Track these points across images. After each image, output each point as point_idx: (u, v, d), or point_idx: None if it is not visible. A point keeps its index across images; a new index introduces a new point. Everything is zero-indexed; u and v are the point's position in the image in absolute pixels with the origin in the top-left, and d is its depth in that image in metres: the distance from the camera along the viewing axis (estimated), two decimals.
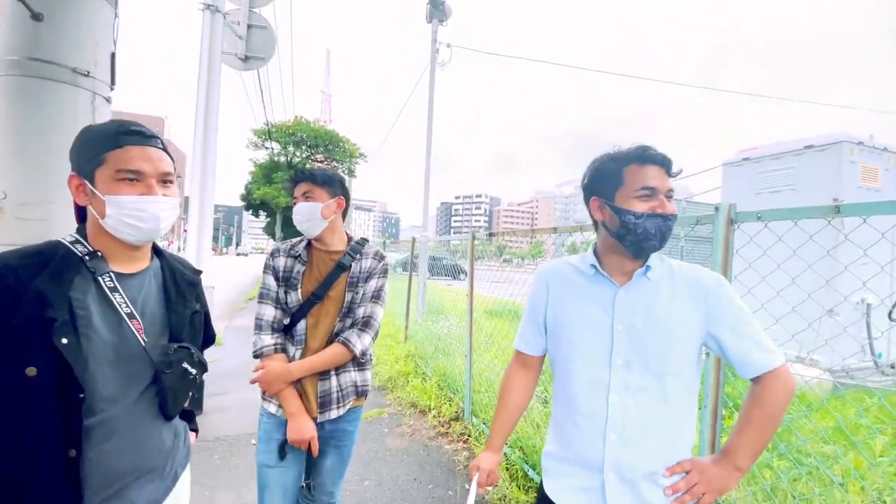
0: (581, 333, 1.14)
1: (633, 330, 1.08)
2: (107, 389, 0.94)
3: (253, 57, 4.63)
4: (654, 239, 1.05)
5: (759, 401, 1.03)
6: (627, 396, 1.07)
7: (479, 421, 3.59)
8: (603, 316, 1.12)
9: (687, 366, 1.08)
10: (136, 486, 1.01)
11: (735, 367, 1.07)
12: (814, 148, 5.10)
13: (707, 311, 1.07)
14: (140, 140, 1.00)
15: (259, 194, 25.70)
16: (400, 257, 11.89)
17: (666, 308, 1.08)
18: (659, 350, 1.06)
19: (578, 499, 1.12)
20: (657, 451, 1.07)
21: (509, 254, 52.97)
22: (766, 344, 1.04)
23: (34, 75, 1.56)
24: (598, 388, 1.10)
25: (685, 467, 1.08)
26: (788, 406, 1.05)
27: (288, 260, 1.66)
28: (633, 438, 1.07)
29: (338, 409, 1.62)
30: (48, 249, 0.94)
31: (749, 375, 1.05)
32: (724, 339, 1.05)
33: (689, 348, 1.07)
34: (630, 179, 1.07)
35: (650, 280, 1.11)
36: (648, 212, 1.04)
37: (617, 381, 1.08)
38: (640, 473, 1.07)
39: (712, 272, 1.13)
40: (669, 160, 1.08)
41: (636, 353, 1.07)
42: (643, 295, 1.10)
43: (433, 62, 7.97)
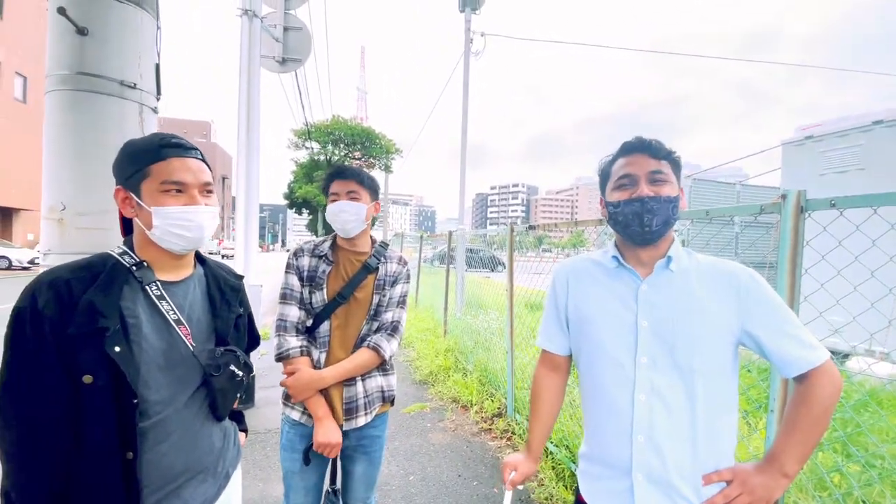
0: (603, 330, 1.10)
1: (658, 325, 1.03)
2: (159, 394, 0.97)
3: (290, 59, 4.72)
4: (635, 224, 1.03)
5: (805, 400, 0.96)
6: (654, 396, 1.02)
7: (523, 418, 3.54)
8: (626, 311, 1.07)
9: (719, 364, 1.01)
10: (190, 486, 1.05)
11: (775, 365, 1.00)
12: (884, 123, 4.61)
13: (740, 306, 1.00)
14: (181, 152, 1.03)
15: (301, 193, 26.58)
16: (437, 251, 11.93)
17: (693, 302, 1.02)
18: (687, 347, 1.00)
19: (609, 501, 1.09)
20: (689, 454, 1.00)
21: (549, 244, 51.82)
22: (807, 339, 0.97)
23: (83, 89, 1.64)
24: (623, 388, 1.05)
25: (724, 476, 1.00)
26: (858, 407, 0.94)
27: (312, 259, 1.63)
28: (660, 441, 1.01)
29: (365, 415, 1.60)
30: (98, 261, 0.98)
31: (791, 374, 0.97)
32: (761, 337, 0.99)
33: (720, 346, 1.00)
34: (614, 172, 1.11)
35: (674, 272, 1.05)
36: (626, 199, 1.05)
37: (642, 379, 1.03)
38: (670, 476, 1.00)
39: (741, 265, 1.05)
40: (651, 143, 1.05)
41: (662, 350, 1.02)
42: (668, 288, 1.05)
43: (467, 52, 7.85)
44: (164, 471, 0.99)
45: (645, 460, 1.02)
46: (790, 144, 5.48)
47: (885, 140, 4.64)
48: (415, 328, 6.93)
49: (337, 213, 1.59)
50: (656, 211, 1.01)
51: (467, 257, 7.23)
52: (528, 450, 1.29)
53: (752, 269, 1.04)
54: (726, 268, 1.05)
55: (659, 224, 1.02)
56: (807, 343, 0.97)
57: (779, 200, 1.47)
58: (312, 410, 1.54)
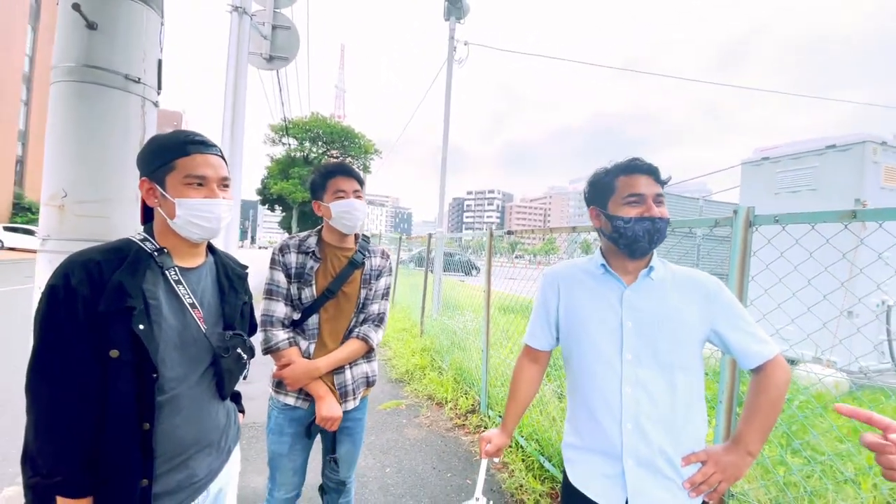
0: (593, 331, 1.22)
1: (640, 326, 1.17)
2: (174, 371, 1.05)
3: (277, 57, 4.74)
4: (643, 241, 1.15)
5: (763, 387, 1.12)
6: (639, 388, 1.16)
7: (496, 414, 3.68)
8: (612, 314, 1.20)
9: (692, 359, 1.17)
10: (198, 458, 1.13)
11: (737, 358, 1.16)
12: (835, 148, 5.04)
13: (708, 309, 1.16)
14: (204, 149, 1.11)
15: (276, 189, 26.07)
16: (413, 253, 12.00)
17: (670, 307, 1.17)
18: (667, 345, 1.15)
19: (602, 485, 1.19)
20: (670, 437, 1.15)
21: (521, 250, 52.48)
22: (762, 336, 1.14)
23: (89, 81, 1.68)
24: (611, 382, 1.18)
25: (700, 458, 1.15)
26: (801, 404, 1.12)
27: (299, 256, 1.66)
28: (647, 427, 1.15)
29: (354, 399, 1.71)
30: (123, 246, 1.06)
31: (750, 366, 1.14)
32: (726, 335, 1.15)
33: (693, 343, 1.16)
34: (620, 188, 1.18)
35: (654, 280, 1.20)
36: (637, 216, 1.14)
37: (628, 374, 1.16)
38: (656, 459, 1.15)
39: (709, 275, 1.22)
40: (656, 169, 1.18)
41: (645, 348, 1.16)
42: (648, 294, 1.19)
43: (450, 60, 8.02)
44: (175, 442, 1.06)
45: (634, 446, 1.15)
46: (749, 164, 5.88)
47: (836, 164, 5.06)
48: (391, 328, 6.99)
49: (350, 211, 1.64)
50: (662, 231, 1.15)
51: (445, 260, 7.36)
52: (502, 426, 1.42)
53: (716, 279, 1.21)
54: (696, 277, 1.21)
55: (659, 241, 1.17)
56: (762, 339, 1.14)
57: (731, 215, 1.67)
58: (314, 391, 1.62)
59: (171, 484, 1.06)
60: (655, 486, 1.15)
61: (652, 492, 1.14)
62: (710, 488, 1.14)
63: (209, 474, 1.16)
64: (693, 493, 1.14)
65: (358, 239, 1.78)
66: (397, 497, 2.75)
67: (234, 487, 1.33)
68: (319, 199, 1.70)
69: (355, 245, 1.76)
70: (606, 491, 1.18)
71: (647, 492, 1.14)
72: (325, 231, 1.73)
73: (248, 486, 2.77)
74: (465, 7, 7.99)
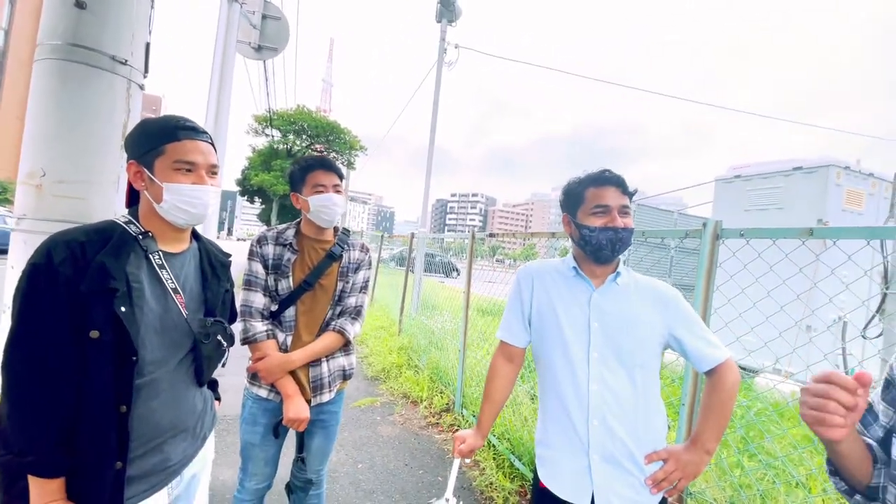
0: (563, 329, 1.28)
1: (606, 328, 1.24)
2: (153, 354, 1.06)
3: (266, 47, 4.69)
4: (607, 249, 1.23)
5: (715, 389, 1.20)
6: (604, 386, 1.22)
7: (469, 413, 3.73)
8: (580, 314, 1.27)
9: (651, 360, 1.25)
10: (173, 443, 1.13)
11: (692, 362, 1.25)
12: (802, 170, 5.29)
13: (667, 316, 1.24)
14: (194, 135, 1.12)
15: (256, 181, 25.56)
16: (395, 252, 11.97)
17: (634, 311, 1.25)
18: (629, 346, 1.22)
19: (569, 482, 1.24)
20: (633, 433, 1.22)
21: (502, 254, 53.03)
22: (715, 341, 1.23)
23: (75, 60, 1.65)
24: (580, 379, 1.24)
25: (662, 456, 1.22)
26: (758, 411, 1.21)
27: (276, 248, 1.67)
28: (612, 423, 1.21)
29: (329, 392, 1.71)
30: (108, 228, 1.06)
31: (704, 368, 1.23)
32: (683, 339, 1.23)
33: (653, 346, 1.24)
34: (589, 199, 1.26)
35: (619, 285, 1.28)
36: (601, 226, 1.22)
37: (595, 372, 1.23)
38: (620, 455, 1.21)
39: (668, 285, 1.31)
40: (623, 181, 1.26)
41: (609, 348, 1.23)
42: (614, 298, 1.27)
43: (440, 61, 8.06)
44: (152, 426, 1.06)
45: (599, 441, 1.21)
46: (722, 181, 6.12)
47: (802, 185, 5.32)
48: (369, 326, 6.97)
49: (328, 206, 1.66)
50: (625, 240, 1.23)
51: (425, 261, 7.39)
52: (477, 427, 1.46)
53: (674, 288, 1.30)
54: (657, 286, 1.30)
55: (623, 250, 1.24)
56: (714, 344, 1.23)
57: (700, 228, 1.76)
58: (282, 389, 1.62)
59: (145, 467, 1.06)
60: (619, 481, 1.21)
61: (616, 487, 1.20)
62: (671, 485, 1.21)
63: (183, 459, 1.16)
64: (654, 489, 1.20)
65: (337, 232, 1.79)
66: (368, 493, 2.76)
67: (208, 474, 1.33)
68: (298, 192, 1.70)
69: (334, 238, 1.77)
70: (573, 487, 1.23)
71: (612, 487, 1.20)
72: (303, 224, 1.74)
73: (218, 478, 2.74)
74: (458, 10, 8.06)
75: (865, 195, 5.37)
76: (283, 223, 1.81)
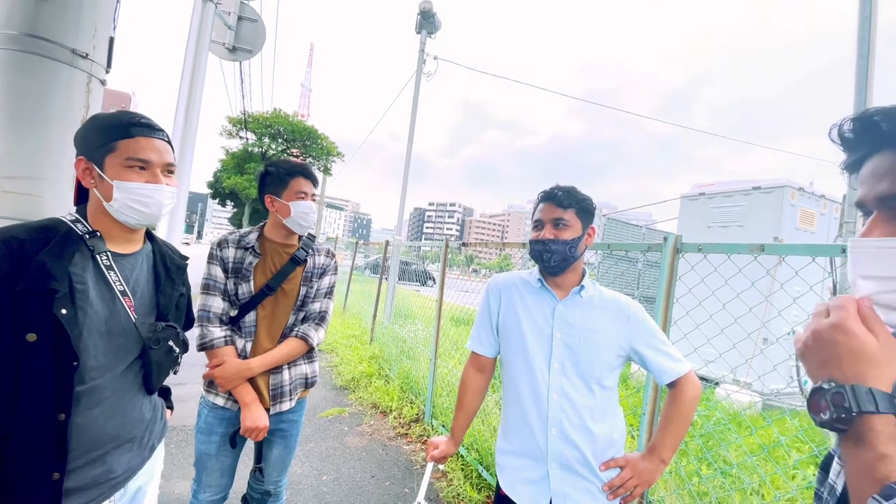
0: (526, 339, 1.31)
1: (568, 338, 1.27)
2: (97, 360, 1.00)
3: (241, 48, 4.62)
4: (539, 260, 1.30)
5: (675, 401, 1.24)
6: (563, 396, 1.25)
7: (439, 423, 3.71)
8: (544, 325, 1.30)
9: (609, 372, 1.27)
10: (117, 454, 1.07)
11: (654, 375, 1.28)
12: (760, 189, 5.57)
13: (629, 329, 1.28)
14: (148, 132, 1.09)
15: (229, 184, 24.93)
16: (370, 259, 11.86)
17: (595, 324, 1.27)
18: (589, 358, 1.25)
19: (528, 490, 1.27)
20: (591, 443, 1.24)
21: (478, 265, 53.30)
22: (676, 355, 1.27)
23: (32, 52, 1.58)
24: (540, 388, 1.27)
25: (619, 463, 1.25)
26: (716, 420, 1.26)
27: (238, 251, 1.63)
28: (570, 433, 1.24)
29: (290, 401, 1.66)
30: (51, 226, 1.01)
31: (664, 382, 1.26)
32: (644, 353, 1.26)
33: (612, 358, 1.27)
34: (533, 216, 1.36)
35: (583, 298, 1.31)
36: (533, 240, 1.31)
37: (555, 382, 1.25)
38: (577, 464, 1.23)
39: (631, 299, 1.35)
40: (556, 194, 1.29)
41: (570, 359, 1.26)
42: (578, 310, 1.30)
43: (419, 73, 8.13)
44: (92, 436, 1.01)
45: (557, 450, 1.24)
46: (687, 198, 6.36)
47: (760, 204, 5.59)
48: (340, 334, 6.85)
49: (308, 214, 1.64)
50: (554, 251, 1.26)
51: (401, 268, 7.35)
52: (451, 435, 1.47)
53: (637, 302, 1.34)
54: (620, 300, 1.33)
55: (557, 261, 1.27)
56: (675, 357, 1.26)
57: (661, 242, 1.83)
58: (240, 397, 1.57)
59: (85, 479, 1.00)
60: (576, 489, 1.23)
61: (573, 495, 1.22)
62: (627, 492, 1.24)
63: (128, 471, 1.10)
64: (611, 496, 1.23)
65: (302, 237, 1.76)
66: None
67: (156, 486, 1.27)
68: (276, 195, 1.66)
69: (298, 243, 1.74)
70: (532, 494, 1.25)
71: (569, 494, 1.22)
72: (269, 227, 1.70)
73: (174, 491, 2.62)
74: (437, 23, 8.17)
75: (817, 215, 5.69)
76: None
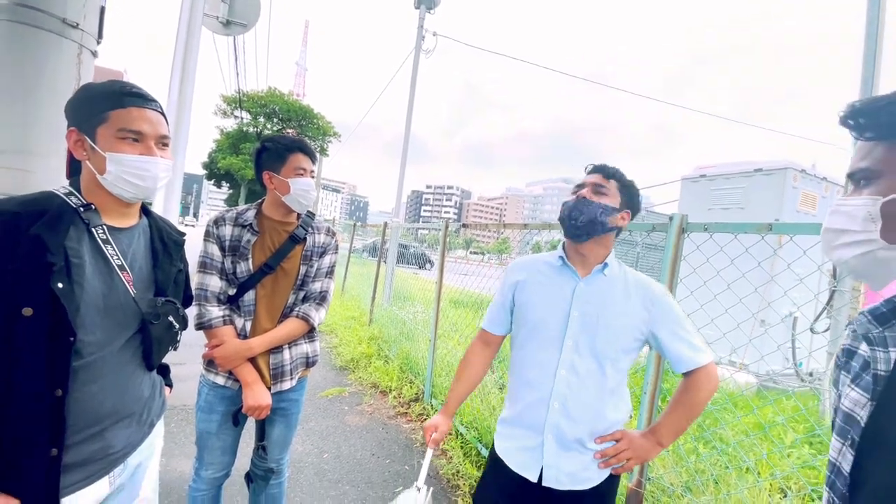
0: (542, 315, 1.30)
1: (586, 317, 1.25)
2: (94, 335, 0.98)
3: (235, 22, 4.48)
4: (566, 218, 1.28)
5: (687, 391, 1.23)
6: (572, 373, 1.25)
7: (438, 403, 3.74)
8: (563, 302, 1.28)
9: (624, 354, 1.26)
10: (115, 429, 1.05)
11: (671, 362, 1.26)
12: (762, 171, 5.53)
13: (651, 313, 1.25)
14: (141, 102, 1.04)
15: (224, 164, 24.66)
16: (367, 242, 11.81)
17: (617, 304, 1.25)
18: (605, 338, 1.24)
19: (522, 457, 1.29)
20: (590, 421, 1.25)
21: (476, 248, 53.40)
22: (698, 345, 1.24)
23: (21, 21, 1.52)
24: (549, 363, 1.27)
25: (616, 436, 1.27)
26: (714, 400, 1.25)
27: (235, 229, 1.59)
28: (571, 408, 1.25)
29: (290, 380, 1.66)
30: (44, 199, 0.97)
31: (681, 370, 1.24)
32: (664, 339, 1.24)
33: (629, 341, 1.26)
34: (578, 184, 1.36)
35: (606, 277, 1.29)
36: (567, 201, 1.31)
37: (565, 359, 1.25)
38: (573, 438, 1.25)
39: (657, 282, 1.32)
40: (604, 166, 1.32)
41: (585, 337, 1.25)
42: (600, 289, 1.28)
43: (417, 49, 7.95)
44: (90, 412, 0.99)
45: (556, 423, 1.25)
46: (688, 180, 6.32)
47: (761, 186, 5.54)
48: (339, 316, 6.87)
49: (309, 191, 1.60)
50: (584, 210, 1.23)
51: (399, 252, 7.33)
52: (444, 409, 1.46)
53: (665, 287, 1.31)
54: (645, 282, 1.30)
55: (584, 221, 1.23)
56: (696, 347, 1.23)
57: (666, 222, 1.81)
58: (241, 376, 1.56)
59: (83, 455, 0.99)
60: (568, 460, 1.25)
61: (564, 465, 1.25)
62: (619, 463, 1.26)
63: (127, 447, 1.09)
64: (602, 464, 1.25)
65: (301, 215, 1.72)
66: (333, 482, 2.73)
67: (156, 462, 1.27)
68: (274, 171, 1.61)
69: (297, 221, 1.70)
70: (525, 461, 1.28)
71: (560, 465, 1.25)
72: (267, 205, 1.66)
73: (176, 469, 2.65)
74: None
75: (819, 198, 5.66)
76: None
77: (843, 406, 0.63)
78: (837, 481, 0.60)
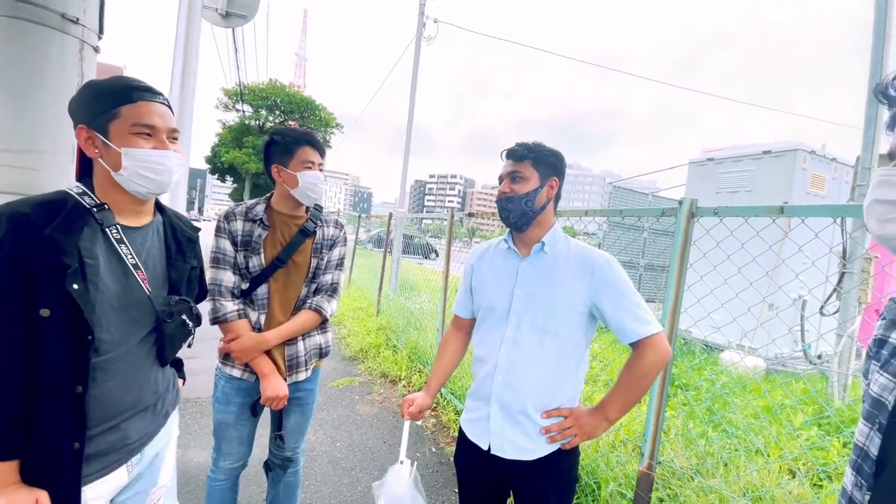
0: (492, 296, 1.37)
1: (528, 295, 1.30)
2: (111, 333, 1.00)
3: (235, 14, 4.44)
4: (501, 217, 1.34)
5: (631, 364, 1.23)
6: (514, 347, 1.29)
7: (448, 391, 3.77)
8: (508, 282, 1.34)
9: (566, 329, 1.26)
10: (132, 421, 1.08)
11: (615, 333, 1.25)
12: (771, 154, 5.44)
13: (591, 284, 1.25)
14: (150, 96, 1.04)
15: (227, 158, 24.64)
16: (372, 233, 11.81)
17: (556, 279, 1.28)
18: (545, 313, 1.26)
19: (475, 427, 1.37)
20: (532, 393, 1.28)
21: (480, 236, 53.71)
22: (643, 315, 1.21)
23: (20, 17, 1.51)
24: (495, 339, 1.33)
25: (563, 413, 1.29)
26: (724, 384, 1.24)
27: (246, 224, 1.60)
28: (512, 380, 1.29)
29: (305, 371, 1.69)
30: (58, 199, 0.98)
31: (625, 341, 1.23)
32: (606, 310, 1.24)
33: (573, 315, 1.26)
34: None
35: (546, 254, 1.32)
36: (496, 199, 1.36)
37: (509, 334, 1.30)
38: (518, 409, 1.28)
39: (603, 252, 1.30)
40: (512, 150, 1.33)
41: (527, 313, 1.28)
42: (540, 267, 1.31)
43: (419, 36, 7.85)
44: (109, 406, 1.02)
45: (500, 395, 1.30)
46: (695, 164, 6.24)
47: (770, 168, 5.47)
48: (347, 307, 6.91)
49: (317, 184, 1.61)
50: (510, 208, 1.29)
51: (403, 243, 7.33)
52: (426, 388, 1.52)
53: (610, 257, 1.28)
54: (587, 253, 1.29)
55: (516, 217, 1.29)
56: (641, 318, 1.20)
57: (675, 207, 1.79)
58: (258, 368, 1.58)
59: (102, 445, 1.02)
60: (514, 431, 1.29)
61: (510, 435, 1.29)
62: (565, 440, 1.28)
63: (144, 437, 1.12)
64: (548, 440, 1.28)
65: (309, 208, 1.73)
66: (347, 470, 2.77)
67: (173, 451, 1.29)
68: (282, 165, 1.61)
69: (306, 214, 1.71)
70: (478, 431, 1.35)
71: (506, 434, 1.29)
72: (276, 198, 1.66)
73: (192, 460, 2.70)
74: None
75: (828, 179, 5.58)
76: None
77: (871, 391, 0.63)
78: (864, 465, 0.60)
